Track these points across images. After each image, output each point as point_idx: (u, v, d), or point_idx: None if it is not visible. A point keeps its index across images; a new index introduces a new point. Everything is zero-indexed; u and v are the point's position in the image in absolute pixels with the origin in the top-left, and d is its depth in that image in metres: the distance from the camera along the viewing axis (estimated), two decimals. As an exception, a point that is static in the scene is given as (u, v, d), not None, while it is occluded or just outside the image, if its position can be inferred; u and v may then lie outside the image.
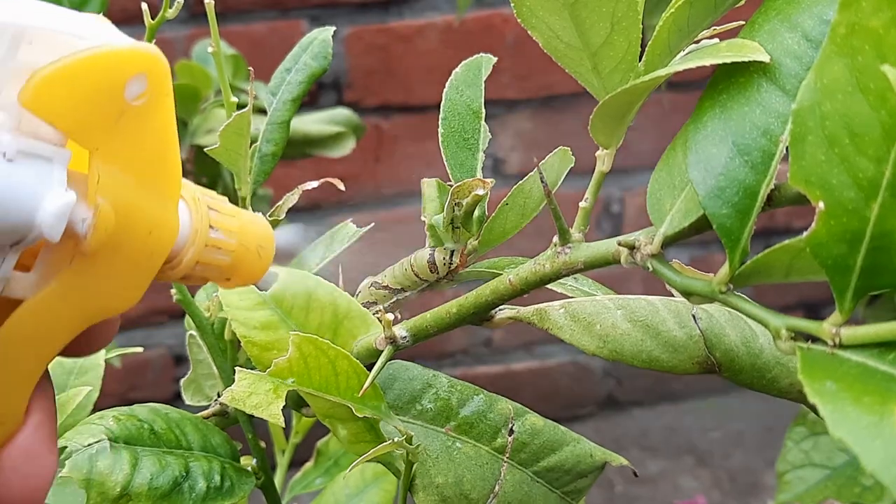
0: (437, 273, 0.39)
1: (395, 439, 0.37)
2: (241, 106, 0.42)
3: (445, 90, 0.41)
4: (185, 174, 0.87)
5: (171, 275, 0.23)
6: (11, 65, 0.19)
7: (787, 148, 0.25)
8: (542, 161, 0.37)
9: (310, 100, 1.15)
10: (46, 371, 0.23)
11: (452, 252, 0.39)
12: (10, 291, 0.21)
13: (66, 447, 0.36)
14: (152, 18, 0.42)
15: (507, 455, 0.39)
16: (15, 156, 0.19)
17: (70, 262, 0.20)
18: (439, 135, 0.40)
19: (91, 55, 0.19)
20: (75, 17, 0.20)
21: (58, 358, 0.23)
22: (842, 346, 0.24)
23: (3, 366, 0.21)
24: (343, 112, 0.84)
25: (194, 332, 0.46)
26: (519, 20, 0.30)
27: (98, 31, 0.20)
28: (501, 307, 0.37)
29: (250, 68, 0.45)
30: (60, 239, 0.20)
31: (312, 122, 0.82)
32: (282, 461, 0.56)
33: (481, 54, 0.42)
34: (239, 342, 0.41)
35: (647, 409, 1.41)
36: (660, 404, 1.41)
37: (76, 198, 0.20)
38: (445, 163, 0.40)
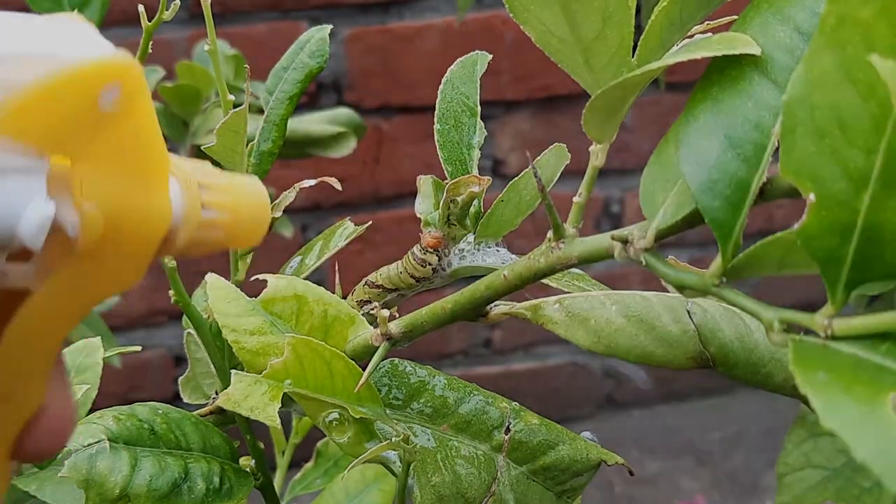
0: (429, 264, 0.39)
1: (393, 439, 0.36)
2: (237, 105, 0.42)
3: (441, 87, 0.41)
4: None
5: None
6: None
7: (778, 141, 0.25)
8: (538, 158, 0.37)
9: (310, 101, 1.15)
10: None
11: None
12: (9, 283, 0.21)
13: (65, 447, 0.36)
14: (150, 20, 0.42)
15: (504, 454, 0.39)
16: None
17: (69, 255, 0.21)
18: (435, 131, 0.40)
19: (58, 77, 0.20)
20: (46, 28, 0.20)
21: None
22: (834, 338, 0.24)
23: (22, 353, 0.22)
24: (344, 112, 0.84)
25: (192, 331, 0.46)
26: (511, 15, 0.30)
27: (70, 39, 0.20)
28: (496, 303, 0.37)
29: (246, 66, 0.45)
30: (53, 236, 0.20)
31: (314, 123, 0.82)
32: (281, 462, 0.56)
33: (477, 51, 0.42)
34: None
35: (647, 410, 1.41)
36: (659, 405, 1.41)
37: (61, 204, 0.20)
38: (441, 159, 0.40)
